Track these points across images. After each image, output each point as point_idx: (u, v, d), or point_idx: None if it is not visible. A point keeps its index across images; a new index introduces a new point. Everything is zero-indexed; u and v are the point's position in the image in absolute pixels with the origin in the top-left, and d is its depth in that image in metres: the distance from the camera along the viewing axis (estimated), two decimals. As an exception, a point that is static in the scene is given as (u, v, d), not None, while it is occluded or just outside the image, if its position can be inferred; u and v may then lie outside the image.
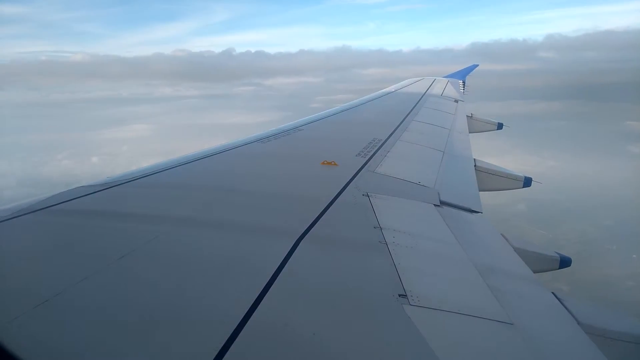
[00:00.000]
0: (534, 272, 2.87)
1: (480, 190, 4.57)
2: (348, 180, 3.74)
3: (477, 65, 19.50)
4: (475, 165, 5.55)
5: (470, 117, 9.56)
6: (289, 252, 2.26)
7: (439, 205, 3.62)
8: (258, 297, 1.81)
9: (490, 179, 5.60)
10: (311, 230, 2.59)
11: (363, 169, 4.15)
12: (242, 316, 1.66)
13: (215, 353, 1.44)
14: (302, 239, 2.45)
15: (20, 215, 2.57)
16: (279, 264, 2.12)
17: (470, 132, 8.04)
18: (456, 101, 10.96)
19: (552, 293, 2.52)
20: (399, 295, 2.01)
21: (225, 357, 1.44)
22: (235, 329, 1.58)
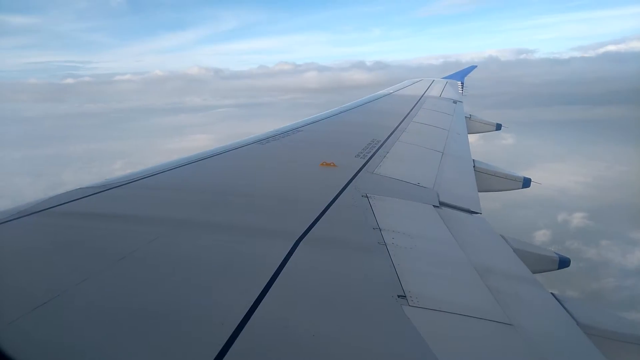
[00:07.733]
0: (533, 272, 2.87)
1: (479, 191, 4.57)
2: (347, 181, 3.74)
3: (476, 66, 19.65)
4: (474, 166, 5.56)
5: (469, 118, 9.60)
6: (288, 253, 2.26)
7: (438, 206, 3.62)
8: (257, 298, 1.81)
9: (489, 179, 5.61)
10: (310, 231, 2.59)
11: (362, 170, 4.16)
12: (242, 317, 1.66)
13: (215, 355, 1.44)
14: (301, 240, 2.45)
15: (20, 217, 2.57)
16: (278, 265, 2.12)
17: (469, 133, 8.06)
18: (455, 102, 11.00)
19: (552, 294, 2.52)
20: (398, 296, 2.01)
21: (224, 358, 1.44)
22: (235, 330, 1.58)
